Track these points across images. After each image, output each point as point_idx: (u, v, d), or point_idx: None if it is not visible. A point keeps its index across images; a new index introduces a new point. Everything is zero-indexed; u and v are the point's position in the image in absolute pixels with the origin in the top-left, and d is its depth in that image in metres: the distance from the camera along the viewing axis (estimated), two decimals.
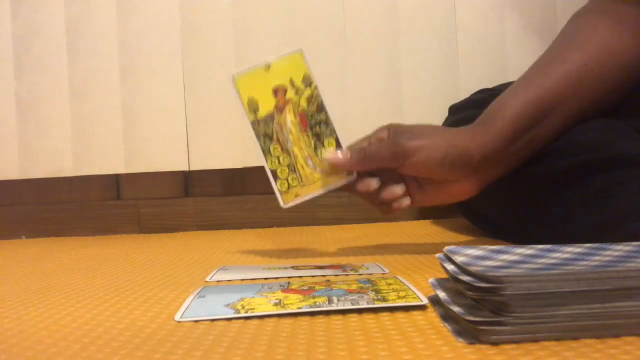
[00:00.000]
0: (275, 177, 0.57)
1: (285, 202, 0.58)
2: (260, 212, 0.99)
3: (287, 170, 0.57)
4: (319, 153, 0.58)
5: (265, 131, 0.57)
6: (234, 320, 0.35)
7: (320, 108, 0.58)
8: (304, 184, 0.58)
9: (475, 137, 0.55)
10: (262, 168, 0.57)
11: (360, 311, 0.36)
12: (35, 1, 1.02)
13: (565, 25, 0.62)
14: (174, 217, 1.00)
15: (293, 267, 0.54)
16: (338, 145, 0.58)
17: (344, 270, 0.51)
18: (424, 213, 0.96)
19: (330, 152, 0.57)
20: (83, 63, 1.02)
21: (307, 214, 0.98)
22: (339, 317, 0.35)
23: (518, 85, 0.59)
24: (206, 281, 0.49)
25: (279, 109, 0.57)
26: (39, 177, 1.02)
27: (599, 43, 0.57)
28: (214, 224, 0.99)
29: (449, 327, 0.31)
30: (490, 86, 0.82)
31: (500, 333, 0.28)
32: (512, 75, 0.66)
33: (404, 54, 0.99)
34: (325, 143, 0.58)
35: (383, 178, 0.57)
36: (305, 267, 0.53)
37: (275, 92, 0.57)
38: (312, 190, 0.58)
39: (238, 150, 0.99)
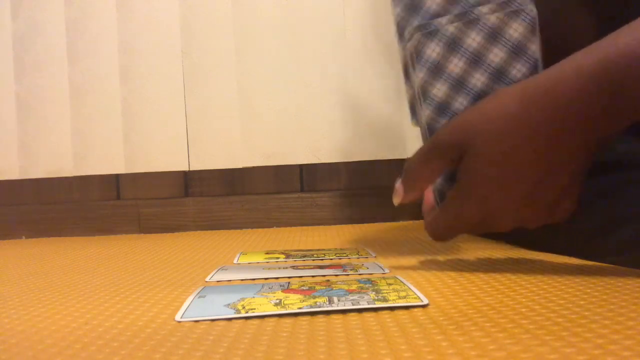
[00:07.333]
0: None
1: None
2: (260, 212, 0.99)
3: None
4: None
5: None
6: (234, 320, 0.35)
7: None
8: None
9: None
10: (262, 168, 0.57)
11: (360, 310, 0.36)
12: (36, 1, 1.02)
13: None
14: (174, 217, 1.00)
15: (293, 267, 0.54)
16: None
17: (344, 270, 0.51)
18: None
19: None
20: (83, 63, 1.02)
21: (307, 214, 0.98)
22: (338, 316, 0.35)
23: None
24: (206, 281, 0.49)
25: None
26: (39, 177, 1.02)
27: None
28: (214, 224, 0.99)
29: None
30: None
31: None
32: None
33: None
34: None
35: None
36: (305, 267, 0.53)
37: None
38: None
39: (238, 150, 0.99)
